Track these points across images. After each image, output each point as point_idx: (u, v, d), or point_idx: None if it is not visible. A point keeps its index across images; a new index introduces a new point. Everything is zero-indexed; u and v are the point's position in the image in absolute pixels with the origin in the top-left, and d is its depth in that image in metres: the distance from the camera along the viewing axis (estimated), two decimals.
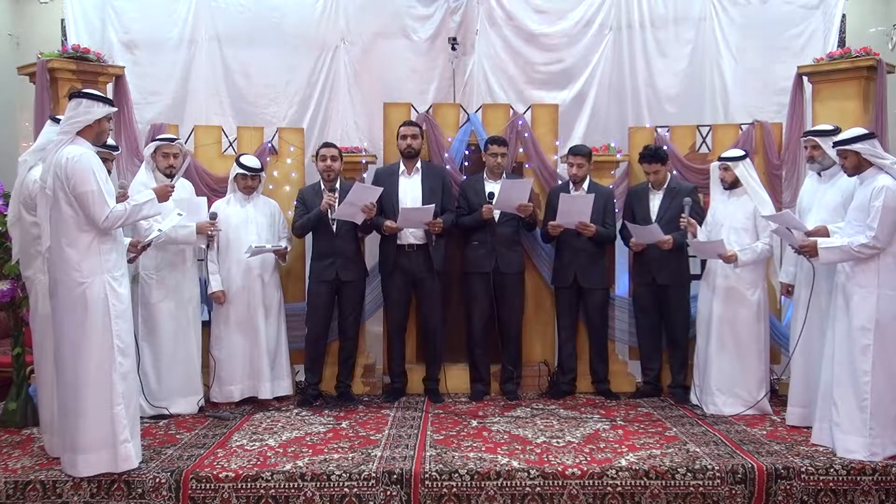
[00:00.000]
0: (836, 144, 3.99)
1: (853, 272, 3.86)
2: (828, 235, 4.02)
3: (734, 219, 4.65)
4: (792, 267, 4.55)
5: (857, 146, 3.85)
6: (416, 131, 5.04)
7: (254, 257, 4.83)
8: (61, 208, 3.47)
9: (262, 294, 4.93)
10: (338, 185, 4.94)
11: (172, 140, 4.75)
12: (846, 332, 3.86)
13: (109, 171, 4.22)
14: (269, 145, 5.39)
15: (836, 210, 4.16)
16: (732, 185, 4.66)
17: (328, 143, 5.09)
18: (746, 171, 4.63)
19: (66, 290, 3.49)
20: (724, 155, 4.72)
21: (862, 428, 3.77)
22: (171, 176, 4.52)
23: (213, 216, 4.72)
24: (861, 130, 3.96)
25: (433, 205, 4.81)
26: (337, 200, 4.80)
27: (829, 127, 4.38)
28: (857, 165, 3.89)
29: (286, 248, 4.98)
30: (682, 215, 4.70)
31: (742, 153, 4.70)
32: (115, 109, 3.80)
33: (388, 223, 4.86)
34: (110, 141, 4.23)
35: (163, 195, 3.85)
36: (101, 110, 3.57)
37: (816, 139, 4.32)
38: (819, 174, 4.39)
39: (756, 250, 4.55)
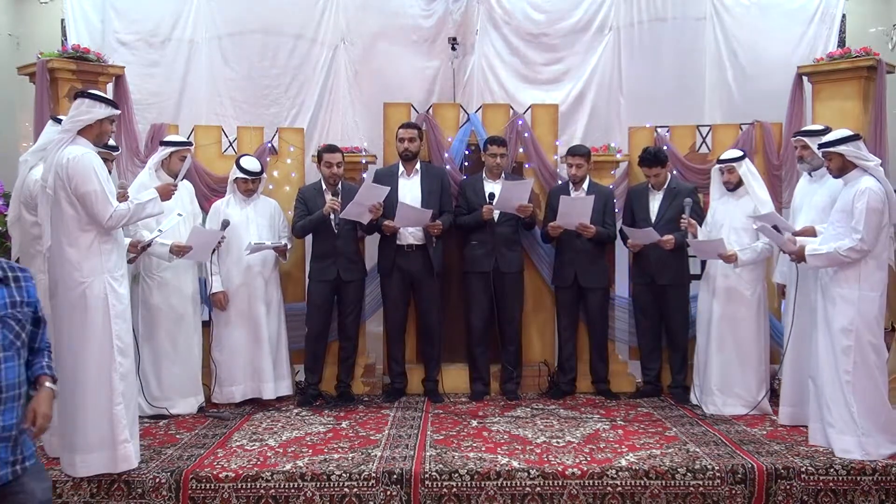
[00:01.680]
0: (821, 146, 4.00)
1: (835, 274, 3.87)
2: (815, 235, 4.04)
3: (734, 219, 4.65)
4: (786, 267, 4.54)
5: (840, 148, 3.86)
6: (413, 134, 5.03)
7: (254, 255, 4.83)
8: (62, 208, 3.47)
9: (263, 292, 4.92)
10: (339, 188, 4.94)
11: (190, 144, 4.78)
12: (828, 333, 3.88)
13: (109, 172, 4.22)
14: (269, 145, 5.39)
15: (826, 210, 4.18)
16: (737, 185, 4.66)
17: (332, 148, 5.01)
18: (748, 171, 4.63)
19: (67, 289, 3.50)
20: (724, 157, 4.70)
21: (854, 427, 3.78)
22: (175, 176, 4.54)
23: (226, 224, 4.71)
24: (846, 132, 3.96)
25: (431, 211, 4.82)
26: (340, 204, 4.79)
27: (818, 127, 4.40)
28: (841, 167, 3.90)
29: (286, 245, 4.98)
30: (683, 216, 4.70)
31: (741, 153, 4.69)
32: (118, 112, 3.79)
33: (387, 222, 4.86)
34: (110, 141, 4.22)
35: (165, 194, 3.86)
36: (102, 111, 3.57)
37: (805, 139, 4.33)
38: (810, 174, 4.39)
39: (756, 249, 4.55)
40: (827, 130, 4.24)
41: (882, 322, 3.88)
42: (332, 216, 4.84)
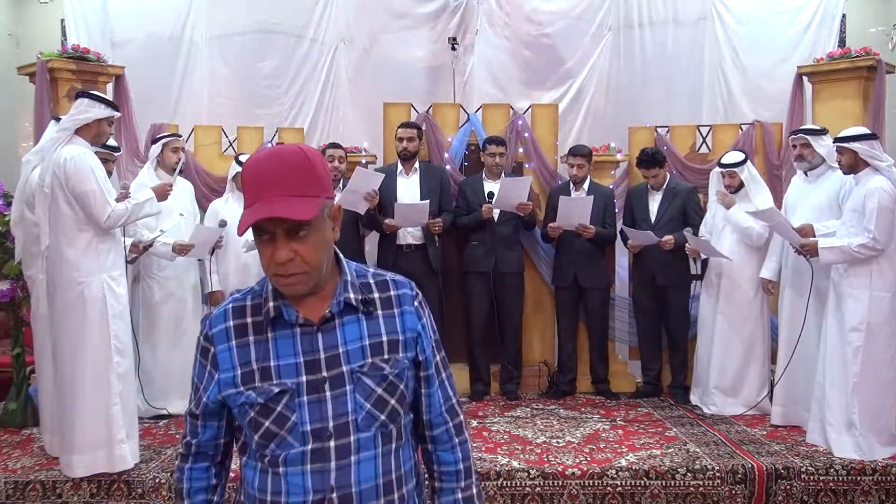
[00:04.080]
0: (836, 140, 3.99)
1: (846, 273, 3.86)
2: (812, 234, 4.02)
3: (736, 219, 4.64)
4: (774, 263, 4.50)
5: (855, 145, 3.85)
6: (411, 133, 5.02)
7: (251, 254, 4.81)
8: (60, 208, 3.47)
9: None
10: (341, 186, 4.93)
11: (178, 136, 4.79)
12: (838, 333, 3.87)
13: (111, 173, 4.23)
14: (269, 145, 5.38)
15: (822, 210, 4.18)
16: (738, 188, 4.64)
17: (334, 144, 5.04)
18: (751, 175, 4.60)
19: (65, 289, 3.49)
20: (725, 161, 4.63)
21: (853, 427, 3.78)
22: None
23: (223, 223, 4.71)
24: (864, 130, 3.97)
25: (427, 201, 4.81)
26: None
27: (816, 127, 4.40)
28: (852, 164, 3.90)
29: None
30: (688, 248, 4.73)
31: (743, 156, 4.64)
32: (118, 114, 3.79)
33: (387, 221, 4.86)
34: (111, 142, 4.22)
35: (162, 194, 3.87)
36: (99, 111, 3.57)
37: (808, 137, 4.30)
38: (806, 174, 4.38)
39: (751, 235, 4.52)
40: (824, 130, 4.25)
41: (894, 322, 3.86)
42: None
